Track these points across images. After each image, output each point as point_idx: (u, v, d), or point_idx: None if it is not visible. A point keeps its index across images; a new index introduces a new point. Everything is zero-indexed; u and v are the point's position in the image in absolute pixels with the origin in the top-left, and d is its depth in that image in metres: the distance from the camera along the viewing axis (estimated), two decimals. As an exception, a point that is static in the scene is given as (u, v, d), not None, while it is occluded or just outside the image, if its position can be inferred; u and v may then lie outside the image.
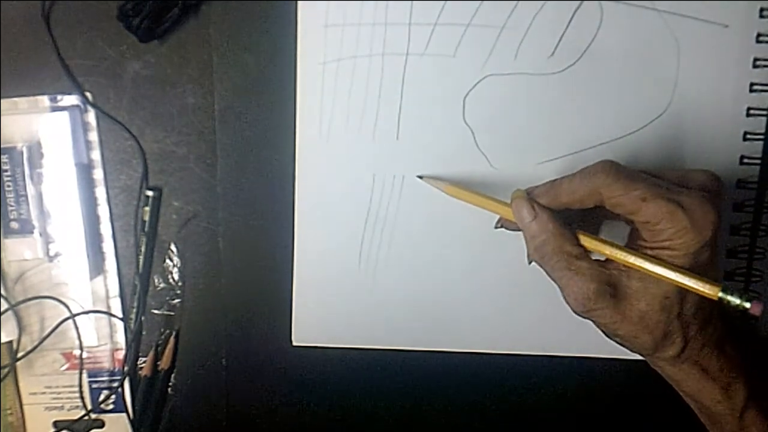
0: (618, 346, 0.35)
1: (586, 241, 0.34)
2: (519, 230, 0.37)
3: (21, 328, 0.44)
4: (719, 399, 0.34)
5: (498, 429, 0.44)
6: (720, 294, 0.31)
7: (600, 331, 0.35)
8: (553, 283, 0.35)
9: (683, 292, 0.32)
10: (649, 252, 0.32)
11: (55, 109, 0.42)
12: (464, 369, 0.43)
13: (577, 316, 0.34)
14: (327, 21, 0.39)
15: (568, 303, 0.34)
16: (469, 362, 0.43)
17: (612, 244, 0.33)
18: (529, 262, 0.37)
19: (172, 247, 0.44)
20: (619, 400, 0.43)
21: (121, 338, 0.45)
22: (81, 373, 0.44)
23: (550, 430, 0.44)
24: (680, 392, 0.36)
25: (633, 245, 0.34)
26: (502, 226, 0.39)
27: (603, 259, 0.34)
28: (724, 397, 0.34)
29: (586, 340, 0.42)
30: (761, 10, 0.38)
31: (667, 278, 0.32)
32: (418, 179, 0.40)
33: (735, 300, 0.31)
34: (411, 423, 0.44)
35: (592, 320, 0.34)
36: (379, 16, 0.39)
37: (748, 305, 0.31)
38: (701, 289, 0.31)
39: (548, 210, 0.34)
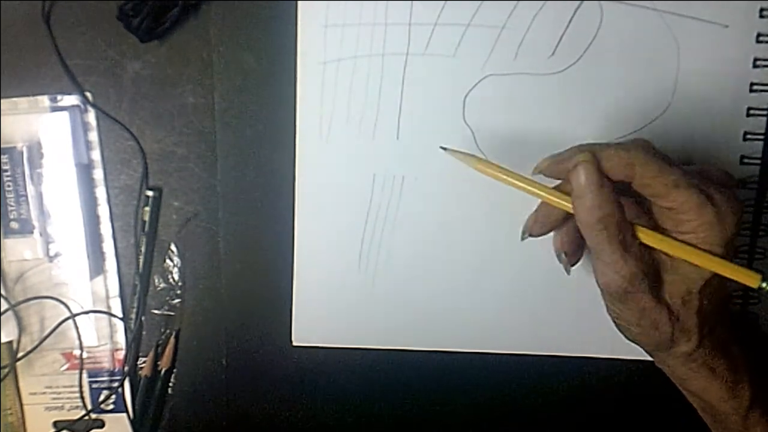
0: (618, 346, 0.35)
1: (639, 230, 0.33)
2: (547, 233, 0.36)
3: (21, 328, 0.44)
4: (725, 398, 0.34)
5: (498, 429, 0.44)
6: (762, 284, 0.31)
7: (614, 327, 0.34)
8: (552, 283, 0.35)
9: (707, 291, 0.32)
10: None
11: (55, 109, 0.42)
12: (464, 369, 0.43)
13: (576, 316, 0.34)
14: (327, 21, 0.39)
15: (605, 281, 0.32)
16: (469, 362, 0.43)
17: (656, 233, 0.33)
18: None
19: (172, 247, 0.44)
20: (620, 400, 0.43)
21: (121, 338, 0.45)
22: (81, 373, 0.44)
23: (550, 430, 0.44)
24: (685, 391, 0.36)
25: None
26: (530, 236, 0.36)
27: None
28: (729, 396, 0.34)
29: (587, 340, 0.42)
30: (761, 10, 0.38)
31: (705, 265, 0.31)
32: (442, 150, 0.37)
33: None
34: (411, 423, 0.44)
35: (620, 304, 0.33)
36: (379, 16, 0.39)
37: None
38: (742, 277, 0.31)
39: (611, 181, 0.32)
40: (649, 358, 0.36)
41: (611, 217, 0.32)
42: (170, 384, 0.45)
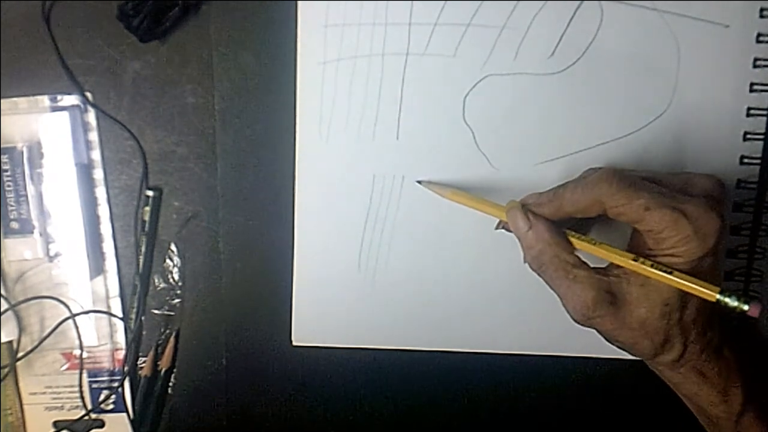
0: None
1: (581, 243, 0.34)
2: None
3: (21, 328, 0.44)
4: (716, 402, 0.34)
5: (498, 429, 0.44)
6: (718, 296, 0.31)
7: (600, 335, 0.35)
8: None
9: (684, 298, 0.32)
10: (654, 259, 0.32)
11: (55, 109, 0.42)
12: (464, 369, 0.43)
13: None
14: (327, 21, 0.39)
15: (567, 312, 0.34)
16: (469, 362, 0.43)
17: (610, 248, 0.33)
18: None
19: (172, 247, 0.44)
20: (619, 400, 0.43)
21: (121, 338, 0.45)
22: (81, 373, 0.44)
23: (550, 430, 0.44)
24: (679, 394, 0.36)
25: (637, 251, 0.34)
26: (503, 228, 0.38)
27: (603, 266, 0.34)
28: (721, 400, 0.34)
29: (586, 340, 0.42)
30: (761, 10, 0.38)
31: (665, 280, 0.32)
32: (418, 184, 0.40)
33: (733, 302, 0.31)
34: (411, 423, 0.44)
35: (591, 327, 0.34)
36: (379, 16, 0.39)
37: (746, 307, 0.31)
38: (699, 291, 0.31)
39: (543, 219, 0.34)
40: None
41: (543, 256, 0.34)
42: (170, 384, 0.45)
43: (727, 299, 0.31)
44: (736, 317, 0.41)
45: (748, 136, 0.39)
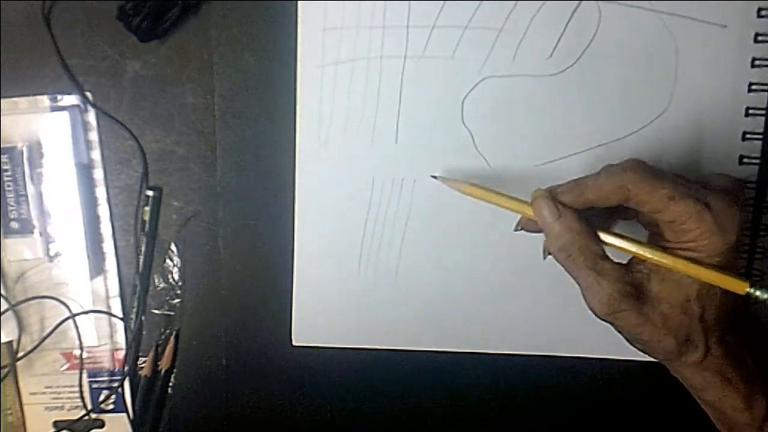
0: (615, 346, 0.35)
1: (610, 238, 0.33)
2: (540, 231, 0.36)
3: (21, 328, 0.44)
4: (740, 409, 0.34)
5: (497, 429, 0.44)
6: (748, 289, 0.31)
7: (612, 328, 0.34)
8: (553, 283, 0.35)
9: (705, 298, 0.32)
10: (673, 253, 0.32)
11: (55, 109, 0.42)
12: (464, 369, 0.43)
13: (575, 317, 0.34)
14: (325, 24, 0.39)
15: (590, 306, 0.33)
16: (469, 362, 0.43)
17: (636, 242, 0.33)
18: (545, 257, 0.37)
19: (172, 247, 0.44)
20: (620, 401, 0.43)
21: (121, 338, 0.45)
22: (81, 373, 0.45)
23: (548, 430, 0.44)
24: (700, 401, 0.36)
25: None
26: (522, 229, 0.37)
27: (625, 262, 0.34)
28: (745, 406, 0.34)
29: (587, 341, 0.42)
30: (759, 9, 0.38)
31: (693, 274, 0.31)
32: (433, 179, 0.39)
33: (764, 295, 0.30)
34: (411, 423, 0.44)
35: (614, 324, 0.34)
36: (377, 19, 0.39)
37: None
38: (728, 284, 0.31)
39: (571, 209, 0.34)
40: (646, 359, 0.36)
41: (572, 246, 0.33)
42: (170, 384, 0.45)
43: (758, 292, 0.30)
44: (751, 321, 0.40)
45: (747, 135, 0.39)
